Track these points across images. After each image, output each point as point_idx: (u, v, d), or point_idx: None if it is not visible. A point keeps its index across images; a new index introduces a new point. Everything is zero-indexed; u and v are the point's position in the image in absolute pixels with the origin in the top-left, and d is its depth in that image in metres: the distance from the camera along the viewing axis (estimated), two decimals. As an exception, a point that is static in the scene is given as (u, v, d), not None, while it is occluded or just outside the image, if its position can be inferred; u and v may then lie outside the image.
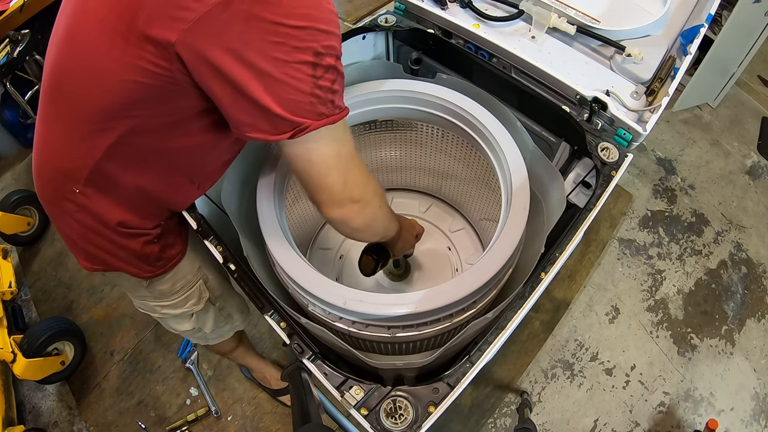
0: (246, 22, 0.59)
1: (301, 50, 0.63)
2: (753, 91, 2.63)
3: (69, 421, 1.82)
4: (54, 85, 0.78)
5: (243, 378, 1.83)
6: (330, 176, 0.74)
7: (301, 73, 0.63)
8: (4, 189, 2.41)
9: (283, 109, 0.64)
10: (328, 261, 1.50)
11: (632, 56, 1.16)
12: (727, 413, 1.73)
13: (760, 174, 2.35)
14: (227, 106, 0.67)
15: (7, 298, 1.89)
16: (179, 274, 1.05)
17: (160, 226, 0.95)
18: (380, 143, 1.40)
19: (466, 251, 1.51)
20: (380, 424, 0.75)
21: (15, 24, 2.06)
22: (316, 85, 0.65)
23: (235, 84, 0.63)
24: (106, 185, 0.83)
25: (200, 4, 0.59)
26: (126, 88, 0.68)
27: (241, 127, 0.69)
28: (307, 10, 0.62)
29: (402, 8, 1.36)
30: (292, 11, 0.61)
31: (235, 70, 0.62)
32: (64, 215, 0.88)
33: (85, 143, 0.77)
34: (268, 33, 0.61)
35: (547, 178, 1.07)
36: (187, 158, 0.86)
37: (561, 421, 1.72)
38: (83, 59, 0.71)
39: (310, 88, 0.65)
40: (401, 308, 0.84)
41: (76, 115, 0.76)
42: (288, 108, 0.65)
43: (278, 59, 0.62)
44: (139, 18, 0.62)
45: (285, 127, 0.66)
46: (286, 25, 0.61)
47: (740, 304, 1.97)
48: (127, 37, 0.64)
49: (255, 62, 0.61)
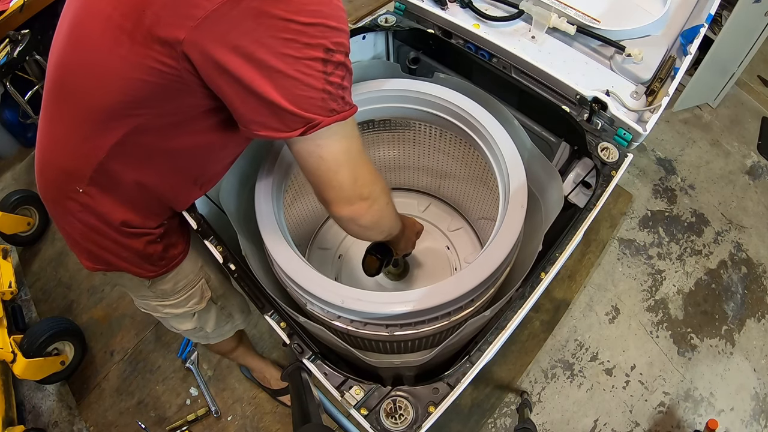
0: (256, 19, 0.59)
1: (312, 47, 0.62)
2: (753, 91, 2.63)
3: (69, 421, 1.82)
4: (58, 84, 0.77)
5: (243, 378, 1.83)
6: (340, 173, 0.74)
7: (312, 70, 0.63)
8: (4, 189, 2.41)
9: (295, 106, 0.64)
10: (326, 260, 1.50)
11: (632, 56, 1.16)
12: (727, 413, 1.73)
13: (760, 174, 2.35)
14: (237, 105, 0.67)
15: (7, 298, 1.89)
16: (181, 274, 1.05)
17: (163, 225, 0.95)
18: (378, 143, 1.40)
19: (465, 250, 1.51)
20: (380, 424, 0.75)
21: (15, 24, 2.07)
22: (327, 81, 0.65)
23: (245, 82, 0.62)
24: (110, 184, 0.82)
25: (209, 2, 0.58)
26: (132, 87, 0.68)
27: (250, 125, 0.69)
28: (317, 7, 0.62)
29: (402, 8, 1.36)
30: (302, 8, 0.61)
31: (244, 67, 0.61)
32: (66, 215, 0.88)
33: (89, 142, 0.77)
34: (279, 30, 0.60)
35: (545, 176, 1.07)
36: (192, 158, 0.86)
37: (561, 421, 1.72)
38: (88, 58, 0.71)
39: (321, 84, 0.65)
40: (399, 306, 0.84)
41: (81, 114, 0.75)
42: (299, 105, 0.64)
43: (289, 56, 0.61)
44: (146, 16, 0.62)
45: (296, 124, 0.66)
46: (297, 21, 0.60)
47: (740, 304, 1.97)
48: (133, 35, 0.64)
49: (265, 59, 0.61)
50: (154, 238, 0.94)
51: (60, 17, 0.77)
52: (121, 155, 0.78)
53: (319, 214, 1.50)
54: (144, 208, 0.89)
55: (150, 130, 0.75)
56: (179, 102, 0.71)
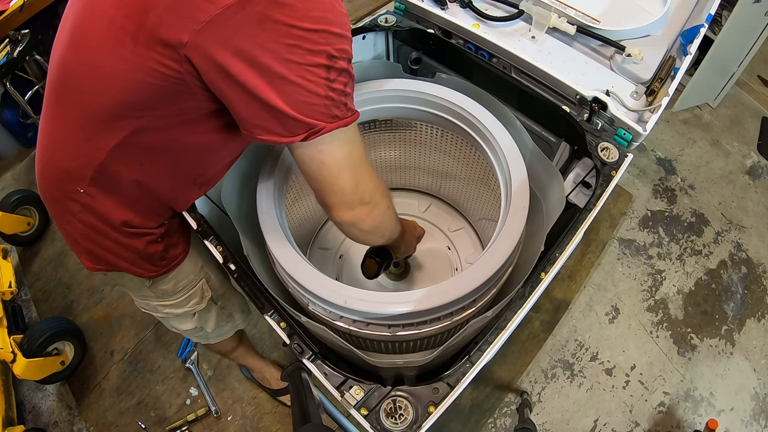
0: (260, 24, 0.59)
1: (315, 53, 0.62)
2: (753, 91, 2.63)
3: (69, 421, 1.82)
4: (59, 84, 0.78)
5: (243, 378, 1.83)
6: (342, 178, 0.74)
7: (315, 76, 0.63)
8: (4, 189, 2.41)
9: (297, 112, 0.64)
10: (327, 260, 1.50)
11: (632, 56, 1.16)
12: (727, 413, 1.73)
13: (760, 174, 2.35)
14: (239, 109, 0.67)
15: (7, 298, 1.89)
16: (182, 274, 1.05)
17: (163, 225, 0.95)
18: (380, 143, 1.40)
19: (466, 250, 1.51)
20: (380, 424, 0.75)
21: (15, 24, 2.07)
22: (330, 88, 0.65)
23: (248, 86, 0.62)
24: (111, 185, 0.83)
25: (212, 5, 0.58)
26: (133, 89, 0.68)
27: (252, 129, 0.69)
28: (322, 13, 0.62)
29: (402, 8, 1.36)
30: (306, 14, 0.61)
31: (247, 72, 0.61)
32: (67, 215, 0.88)
33: (90, 143, 0.77)
34: (282, 35, 0.60)
35: (547, 177, 1.07)
36: (193, 158, 0.86)
37: (561, 421, 1.72)
38: (90, 59, 0.71)
39: (324, 91, 0.65)
40: (402, 306, 0.84)
41: (82, 114, 0.75)
42: (302, 110, 0.65)
43: (292, 62, 0.61)
44: (149, 18, 0.61)
45: (298, 130, 0.66)
46: (301, 27, 0.60)
47: (740, 304, 1.97)
48: (135, 37, 0.64)
49: (268, 65, 0.61)
50: (155, 238, 0.94)
51: (62, 18, 0.78)
52: (121, 156, 0.78)
53: (319, 215, 1.50)
54: (144, 209, 0.89)
55: (151, 131, 0.75)
56: (181, 104, 0.71)
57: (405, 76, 1.20)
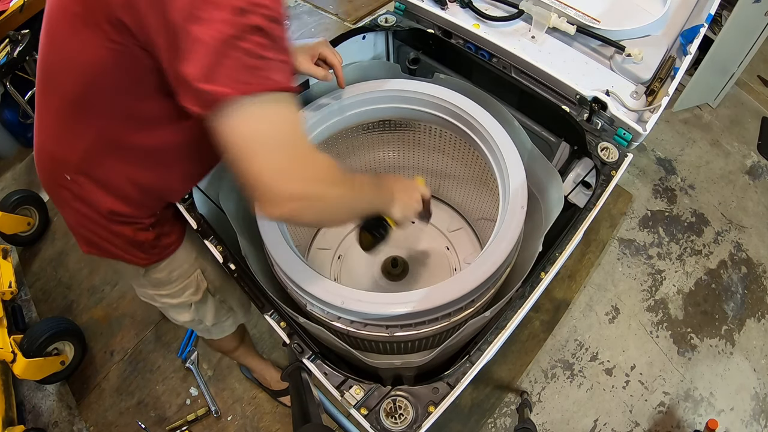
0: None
1: (220, 6, 0.56)
2: (753, 91, 2.63)
3: (69, 421, 1.82)
4: (42, 78, 0.82)
5: (243, 378, 1.83)
6: (256, 165, 0.61)
7: (219, 33, 0.56)
8: (4, 189, 2.41)
9: (200, 73, 0.57)
10: (326, 261, 1.50)
11: (632, 56, 1.16)
12: (727, 413, 1.73)
13: (760, 174, 2.35)
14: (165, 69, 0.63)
15: (7, 298, 1.89)
16: (175, 263, 1.06)
17: (154, 215, 0.96)
18: (378, 143, 1.40)
19: (465, 251, 1.50)
20: (380, 424, 0.75)
21: (15, 24, 2.07)
22: (237, 47, 0.57)
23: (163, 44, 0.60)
24: (97, 174, 0.86)
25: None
26: (89, 70, 0.71)
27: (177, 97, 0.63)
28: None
29: (402, 8, 1.36)
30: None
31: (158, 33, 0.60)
32: (61, 202, 0.93)
33: (70, 132, 0.82)
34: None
35: (545, 176, 1.07)
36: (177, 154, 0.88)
37: (561, 421, 1.72)
38: (58, 48, 0.75)
39: (228, 49, 0.57)
40: (399, 307, 0.84)
41: (61, 105, 0.80)
42: (204, 72, 0.57)
43: (195, 17, 0.56)
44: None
45: (205, 96, 0.58)
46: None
47: (740, 304, 1.97)
48: (85, 19, 0.67)
49: (174, 20, 0.57)
50: (144, 227, 0.95)
51: None
52: (102, 147, 0.82)
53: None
54: (133, 199, 0.91)
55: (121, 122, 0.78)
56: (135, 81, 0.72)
57: (404, 76, 1.20)
